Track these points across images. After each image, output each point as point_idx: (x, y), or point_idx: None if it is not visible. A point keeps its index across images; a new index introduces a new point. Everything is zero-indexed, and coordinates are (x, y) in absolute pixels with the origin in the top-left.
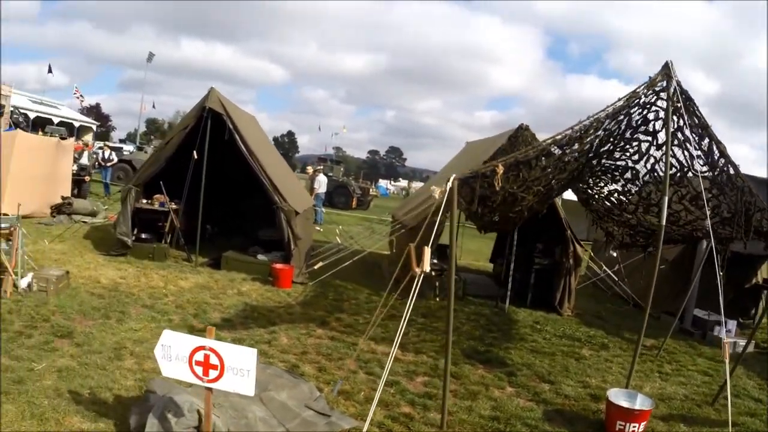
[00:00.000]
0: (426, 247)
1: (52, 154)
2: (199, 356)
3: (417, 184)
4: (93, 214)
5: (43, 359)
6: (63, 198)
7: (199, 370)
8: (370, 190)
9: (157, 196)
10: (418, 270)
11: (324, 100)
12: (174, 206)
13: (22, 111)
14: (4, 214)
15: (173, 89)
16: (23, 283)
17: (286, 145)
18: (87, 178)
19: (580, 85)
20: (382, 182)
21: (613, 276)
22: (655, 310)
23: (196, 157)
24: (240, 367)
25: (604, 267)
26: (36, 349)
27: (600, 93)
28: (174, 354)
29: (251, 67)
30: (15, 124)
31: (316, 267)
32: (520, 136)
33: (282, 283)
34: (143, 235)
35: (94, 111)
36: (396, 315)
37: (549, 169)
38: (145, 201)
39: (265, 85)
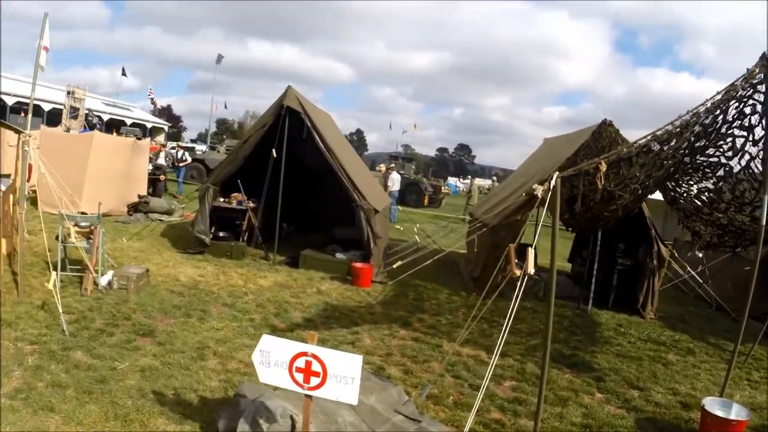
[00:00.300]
0: (530, 248)
1: (128, 154)
2: (301, 363)
3: (481, 182)
4: (169, 213)
5: (125, 358)
6: (139, 197)
7: (299, 377)
8: (442, 187)
9: (234, 194)
10: (518, 272)
11: (391, 98)
12: (252, 205)
13: (96, 113)
14: (83, 213)
15: (242, 90)
16: (103, 281)
17: (356, 143)
18: (162, 178)
19: (651, 78)
20: (452, 180)
21: (697, 277)
22: (739, 314)
23: (275, 155)
24: (344, 374)
25: (688, 268)
26: (118, 347)
27: (671, 86)
28: (273, 360)
29: (318, 67)
30: (90, 126)
31: (395, 266)
32: (604, 131)
33: (362, 282)
34: (221, 234)
35: (165, 112)
36: (477, 316)
37: (646, 167)
38: (222, 199)
39: (333, 84)
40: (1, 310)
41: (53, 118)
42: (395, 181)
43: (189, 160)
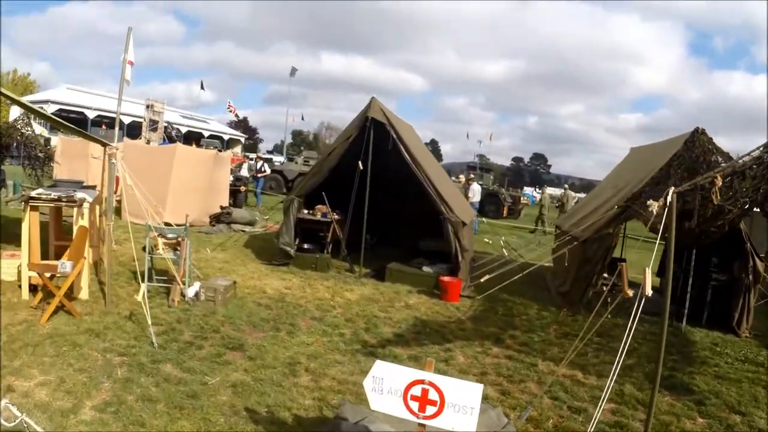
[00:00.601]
0: (647, 268)
1: (210, 165)
2: (417, 390)
3: (553, 191)
4: (251, 224)
5: (216, 372)
6: (222, 208)
7: (414, 405)
8: (521, 198)
9: (319, 206)
10: (630, 292)
11: (464, 108)
12: (336, 216)
13: (174, 126)
14: (167, 224)
15: (317, 101)
16: (190, 292)
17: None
18: (242, 189)
19: (728, 81)
20: (528, 189)
21: None
22: None
23: (361, 167)
24: (463, 403)
25: None
26: (208, 361)
27: (749, 89)
28: (386, 387)
29: (390, 77)
30: (169, 138)
31: (482, 280)
32: (697, 140)
33: (450, 297)
34: (305, 245)
35: (241, 124)
36: (570, 333)
37: (756, 180)
38: (306, 211)
39: (406, 95)
40: (93, 321)
41: (133, 130)
42: (476, 192)
43: (268, 171)
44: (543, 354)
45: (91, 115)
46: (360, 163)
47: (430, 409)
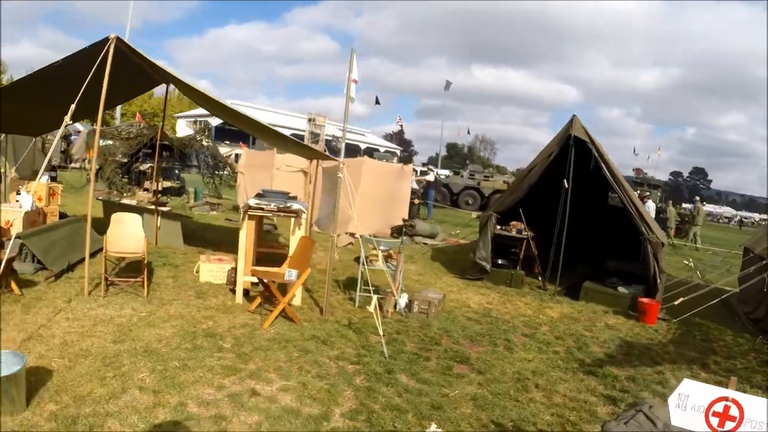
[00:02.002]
0: None
1: (393, 178)
2: (719, 407)
3: (690, 206)
4: (432, 236)
5: (452, 385)
6: (404, 220)
7: (714, 421)
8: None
9: (513, 222)
10: None
11: (620, 119)
12: (531, 234)
13: (335, 138)
14: (355, 235)
15: (469, 115)
16: (401, 304)
17: None
18: (416, 201)
19: None
20: (686, 206)
21: None
22: None
23: (566, 186)
24: (760, 419)
25: None
26: (439, 373)
27: None
28: (690, 404)
29: (543, 89)
30: (331, 150)
31: (676, 303)
32: None
33: (648, 319)
34: (499, 261)
35: (396, 137)
36: None
37: None
38: (499, 227)
39: (559, 107)
40: (315, 328)
41: None
42: (651, 209)
43: (432, 177)
44: (749, 381)
45: None
46: (565, 181)
47: (729, 425)
